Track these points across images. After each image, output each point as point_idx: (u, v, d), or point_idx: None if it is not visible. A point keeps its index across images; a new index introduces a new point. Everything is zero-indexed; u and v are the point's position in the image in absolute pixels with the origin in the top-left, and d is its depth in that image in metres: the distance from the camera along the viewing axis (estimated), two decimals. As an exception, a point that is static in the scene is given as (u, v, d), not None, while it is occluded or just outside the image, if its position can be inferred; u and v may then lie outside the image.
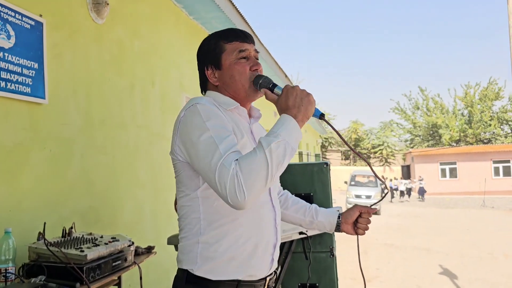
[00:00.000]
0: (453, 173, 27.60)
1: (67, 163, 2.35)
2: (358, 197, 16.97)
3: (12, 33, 1.96)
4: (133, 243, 2.11)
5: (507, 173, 26.36)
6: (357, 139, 38.98)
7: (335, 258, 2.83)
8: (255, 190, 1.09)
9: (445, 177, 27.76)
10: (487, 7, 71.25)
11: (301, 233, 2.52)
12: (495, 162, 26.64)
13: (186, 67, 4.15)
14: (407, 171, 30.53)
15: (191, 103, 1.24)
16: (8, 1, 1.94)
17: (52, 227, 2.09)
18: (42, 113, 2.15)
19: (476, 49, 72.12)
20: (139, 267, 2.13)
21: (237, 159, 1.11)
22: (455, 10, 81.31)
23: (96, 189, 2.59)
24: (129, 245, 2.06)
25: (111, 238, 2.03)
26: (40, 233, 1.81)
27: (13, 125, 1.97)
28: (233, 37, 1.37)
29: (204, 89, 1.44)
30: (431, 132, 36.17)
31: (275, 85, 1.30)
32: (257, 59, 1.39)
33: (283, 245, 2.65)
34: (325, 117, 1.27)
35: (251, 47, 1.37)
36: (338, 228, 1.54)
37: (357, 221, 1.50)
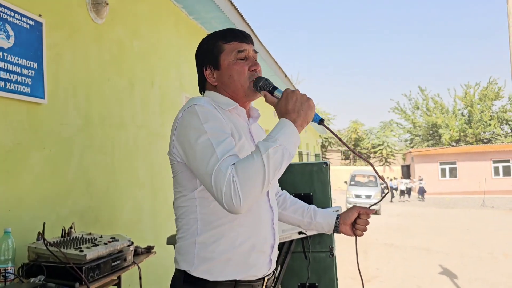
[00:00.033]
0: (453, 173, 27.61)
1: (67, 163, 2.34)
2: (358, 197, 16.95)
3: (11, 33, 1.95)
4: (133, 243, 2.11)
5: (507, 172, 26.37)
6: (357, 139, 38.97)
7: (335, 258, 2.83)
8: (251, 195, 1.08)
9: (445, 177, 27.76)
10: (487, 7, 71.30)
11: (300, 233, 2.52)
12: (495, 162, 26.65)
13: (186, 67, 4.15)
14: (407, 171, 30.54)
15: (189, 103, 1.24)
16: (7, 1, 1.94)
17: (51, 227, 2.10)
18: (41, 113, 2.15)
19: (476, 49, 72.25)
20: (139, 267, 2.13)
21: (234, 163, 1.10)
22: (455, 10, 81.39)
23: (95, 189, 2.59)
24: (129, 245, 2.06)
25: (111, 238, 2.03)
26: (39, 233, 1.81)
27: (12, 125, 1.97)
28: (231, 37, 1.36)
29: (202, 89, 1.43)
30: (431, 132, 36.17)
31: (275, 88, 1.28)
32: (256, 59, 1.39)
33: (282, 245, 2.65)
34: (325, 122, 1.26)
35: (249, 47, 1.36)
36: (336, 229, 1.53)
37: (355, 222, 1.50)
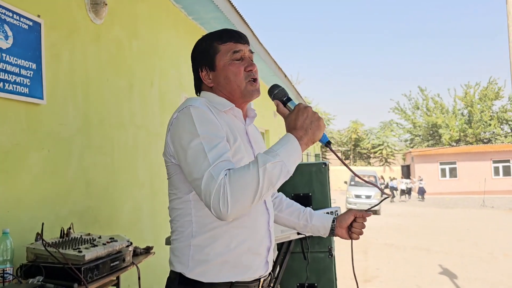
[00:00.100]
0: (453, 173, 27.61)
1: (66, 163, 2.34)
2: (358, 197, 16.93)
3: (10, 33, 1.95)
4: (132, 243, 2.11)
5: (507, 172, 26.36)
6: (357, 139, 38.95)
7: (334, 258, 2.83)
8: (239, 205, 1.06)
9: (445, 177, 27.76)
10: (487, 7, 71.28)
11: (299, 233, 2.53)
12: (495, 161, 26.65)
13: (185, 67, 4.15)
14: (407, 171, 30.53)
15: (184, 105, 1.23)
16: (5, 2, 1.94)
17: (50, 228, 2.10)
18: (40, 114, 2.15)
19: (476, 49, 72.10)
20: (138, 268, 2.13)
21: (230, 169, 1.09)
22: (455, 10, 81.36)
23: (94, 190, 2.59)
24: (128, 246, 2.06)
25: (109, 238, 2.03)
26: (38, 234, 1.81)
27: (11, 125, 1.97)
28: (227, 38, 1.35)
29: (198, 91, 1.42)
30: (431, 132, 36.17)
31: (289, 99, 1.26)
32: (252, 60, 1.37)
33: (281, 245, 2.65)
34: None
35: (245, 48, 1.35)
36: (332, 232, 1.52)
37: (351, 226, 1.48)
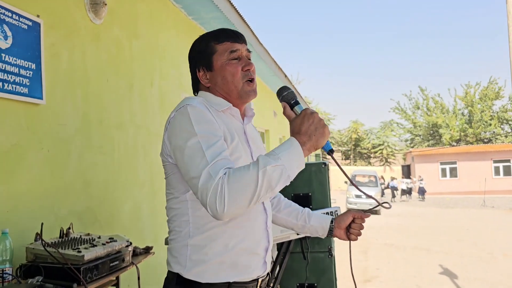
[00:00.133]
0: (453, 172, 27.59)
1: (65, 164, 2.34)
2: (358, 197, 16.89)
3: (9, 33, 1.95)
4: (131, 243, 2.11)
5: (507, 172, 26.35)
6: (357, 139, 38.94)
7: (334, 258, 2.83)
8: (236, 206, 1.05)
9: (446, 176, 27.75)
10: (487, 7, 71.26)
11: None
12: (495, 161, 26.63)
13: (185, 67, 4.13)
14: (407, 170, 30.52)
15: (182, 104, 1.22)
16: (5, 2, 1.94)
17: (49, 228, 2.10)
18: (39, 114, 2.14)
19: (476, 48, 72.14)
20: (137, 268, 2.12)
21: (229, 168, 1.08)
22: (455, 9, 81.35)
23: (94, 190, 2.59)
24: (127, 246, 2.06)
25: (109, 238, 2.02)
26: (37, 234, 1.81)
27: (10, 125, 1.97)
28: (223, 38, 1.34)
29: (196, 91, 1.42)
30: (431, 131, 36.15)
31: (297, 103, 1.25)
32: (250, 59, 1.37)
33: (281, 245, 2.65)
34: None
35: (242, 47, 1.35)
36: (330, 233, 1.51)
37: (350, 227, 1.48)
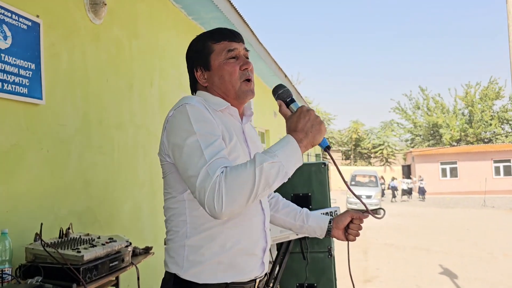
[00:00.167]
0: (454, 172, 27.59)
1: (65, 164, 2.34)
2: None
3: (8, 33, 1.95)
4: (131, 243, 2.11)
5: (508, 172, 26.34)
6: (358, 139, 38.95)
7: (334, 258, 2.83)
8: (234, 204, 1.04)
9: (446, 176, 27.75)
10: (487, 7, 71.19)
11: (298, 233, 2.52)
12: (495, 161, 26.63)
13: (185, 67, 4.05)
14: (407, 170, 30.53)
15: (180, 102, 1.22)
16: (4, 2, 1.94)
17: (49, 228, 2.10)
18: (39, 114, 2.14)
19: (476, 48, 72.08)
20: (137, 268, 2.12)
21: (226, 166, 1.08)
22: (455, 9, 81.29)
23: (93, 190, 2.59)
24: (127, 246, 2.06)
25: (109, 238, 2.02)
26: (37, 234, 1.81)
27: (9, 125, 1.97)
28: (221, 37, 1.34)
29: (194, 90, 1.42)
30: (432, 131, 36.16)
31: (292, 101, 1.25)
32: (247, 58, 1.36)
33: (280, 245, 2.65)
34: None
35: (240, 46, 1.34)
36: (328, 233, 1.51)
37: (348, 227, 1.47)
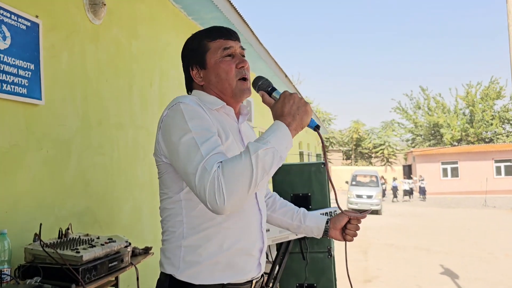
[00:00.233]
0: (455, 172, 27.55)
1: (64, 164, 2.34)
2: (359, 197, 16.89)
3: (7, 34, 1.95)
4: (130, 244, 2.11)
5: (509, 172, 26.30)
6: (359, 139, 38.90)
7: (333, 258, 2.83)
8: (236, 196, 1.04)
9: (447, 176, 27.71)
10: (487, 7, 71.14)
11: (298, 233, 2.52)
12: (496, 161, 26.59)
13: (184, 68, 4.14)
14: (408, 170, 30.50)
15: (174, 102, 1.21)
16: (3, 2, 1.94)
17: (48, 229, 2.10)
18: (38, 114, 2.15)
19: (477, 48, 72.01)
20: (136, 268, 2.12)
21: (221, 161, 1.07)
22: (456, 9, 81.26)
23: (93, 190, 2.59)
24: (126, 246, 2.06)
25: (108, 239, 2.02)
26: (36, 234, 1.81)
27: (9, 126, 1.97)
28: (216, 35, 1.33)
29: (189, 90, 1.40)
30: (433, 131, 36.12)
31: (274, 89, 1.26)
32: (244, 56, 1.35)
33: (280, 245, 2.65)
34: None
35: (236, 44, 1.33)
36: (326, 233, 1.50)
37: (345, 227, 1.47)
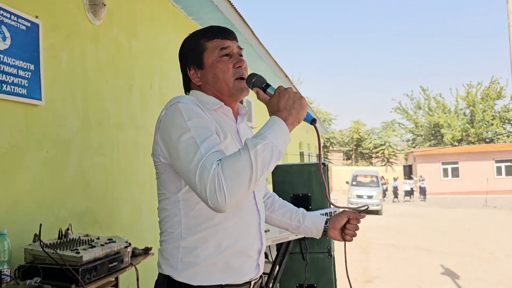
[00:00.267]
0: (455, 172, 27.54)
1: (65, 165, 2.34)
2: (360, 197, 16.89)
3: (7, 34, 1.95)
4: (130, 244, 2.11)
5: (510, 172, 26.29)
6: (359, 139, 38.88)
7: (333, 258, 2.82)
8: (237, 193, 1.03)
9: (447, 176, 27.70)
10: (487, 6, 71.12)
11: (298, 233, 2.52)
12: (497, 161, 26.57)
13: (185, 68, 4.14)
14: (409, 171, 30.47)
15: (172, 101, 1.20)
16: (3, 2, 1.94)
17: (48, 229, 2.10)
18: (38, 115, 2.15)
19: (477, 48, 71.97)
20: (136, 268, 2.12)
21: (220, 159, 1.07)
22: (456, 9, 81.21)
23: (93, 191, 2.59)
24: (126, 246, 2.06)
25: (108, 239, 2.02)
26: (36, 235, 1.81)
27: (9, 126, 1.97)
28: (213, 35, 1.32)
29: (187, 90, 1.39)
30: (433, 131, 36.10)
31: (268, 85, 1.25)
32: (241, 55, 1.35)
33: (280, 246, 2.65)
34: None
35: (233, 44, 1.33)
36: (325, 233, 1.49)
37: (345, 227, 1.46)
